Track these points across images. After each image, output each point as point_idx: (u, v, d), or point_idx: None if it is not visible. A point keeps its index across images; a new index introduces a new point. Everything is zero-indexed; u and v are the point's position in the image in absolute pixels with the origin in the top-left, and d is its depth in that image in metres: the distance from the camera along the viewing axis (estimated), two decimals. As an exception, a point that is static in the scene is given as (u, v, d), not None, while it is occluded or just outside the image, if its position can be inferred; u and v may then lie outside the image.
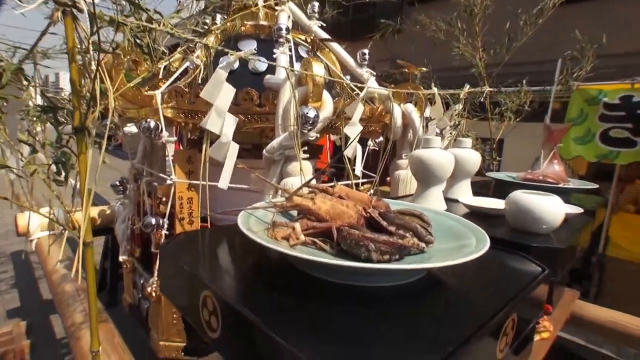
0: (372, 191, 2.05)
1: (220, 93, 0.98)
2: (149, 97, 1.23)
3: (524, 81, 2.54)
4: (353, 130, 1.32)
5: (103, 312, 1.21)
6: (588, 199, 1.78)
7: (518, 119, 2.63)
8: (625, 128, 3.02)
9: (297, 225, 0.66)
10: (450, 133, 1.94)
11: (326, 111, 1.22)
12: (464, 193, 1.35)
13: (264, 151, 1.23)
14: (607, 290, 3.83)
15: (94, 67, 0.66)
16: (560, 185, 1.59)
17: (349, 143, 1.32)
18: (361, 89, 1.45)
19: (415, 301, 0.56)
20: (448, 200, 1.30)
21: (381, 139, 2.08)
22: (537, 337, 1.33)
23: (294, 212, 0.75)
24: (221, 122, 1.01)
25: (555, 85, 3.16)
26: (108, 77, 0.83)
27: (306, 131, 1.17)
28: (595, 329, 1.78)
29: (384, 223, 0.66)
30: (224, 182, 1.01)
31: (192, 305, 0.57)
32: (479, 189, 1.84)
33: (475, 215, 1.18)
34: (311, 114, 1.16)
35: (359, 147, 1.39)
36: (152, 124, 1.22)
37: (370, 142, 2.25)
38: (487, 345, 0.48)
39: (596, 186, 1.65)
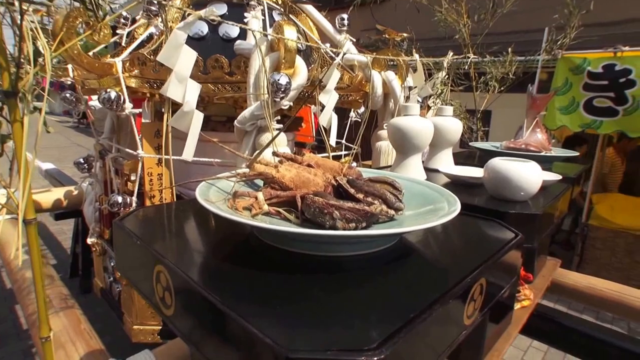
0: (354, 164, 2.03)
1: (180, 57, 0.93)
2: (108, 66, 1.17)
3: (510, 49, 2.50)
4: (328, 97, 1.27)
5: (70, 299, 1.18)
6: (570, 167, 1.79)
7: (503, 89, 2.61)
8: (607, 97, 3.04)
9: (260, 195, 0.63)
10: (433, 102, 1.91)
11: (299, 78, 1.17)
12: (445, 162, 1.33)
13: (235, 122, 1.18)
14: (590, 258, 3.94)
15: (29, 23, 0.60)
16: (542, 154, 1.59)
17: (323, 111, 1.28)
18: (338, 54, 1.40)
19: (383, 270, 0.54)
20: (428, 170, 1.29)
21: (363, 109, 2.04)
22: (517, 306, 1.34)
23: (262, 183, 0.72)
24: (182, 88, 0.95)
25: (541, 54, 3.14)
26: (57, 41, 0.77)
27: (278, 99, 1.13)
28: (575, 296, 1.81)
29: (352, 190, 0.63)
30: (188, 153, 0.96)
31: (146, 282, 0.54)
32: (463, 159, 1.83)
33: (456, 184, 1.17)
34: (283, 80, 1.11)
35: (335, 116, 1.36)
36: (113, 94, 1.16)
37: (352, 113, 2.21)
38: (453, 310, 0.47)
39: (576, 154, 1.65)
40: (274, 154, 0.79)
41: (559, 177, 1.20)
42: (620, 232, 3.72)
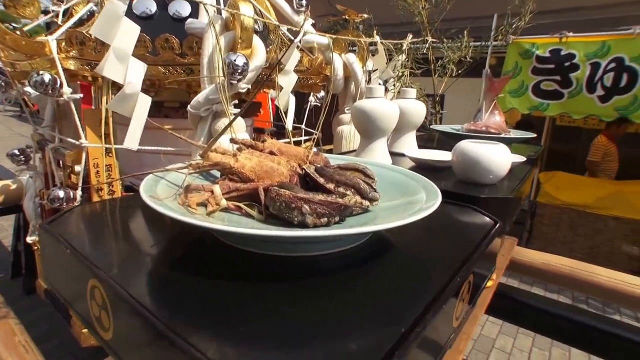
0: (315, 149, 1.95)
1: (119, 31, 0.80)
2: (40, 45, 1.01)
3: (466, 32, 2.49)
4: (287, 80, 1.18)
5: (4, 307, 1.03)
6: (528, 148, 1.80)
7: (460, 72, 2.62)
8: (554, 81, 3.15)
9: (217, 188, 0.54)
10: (394, 85, 1.85)
11: (258, 59, 1.07)
12: (410, 146, 1.29)
13: (188, 107, 1.06)
14: (538, 234, 4.13)
15: None
16: (502, 136, 1.58)
17: (281, 93, 1.19)
18: (297, 35, 1.31)
19: (362, 271, 0.47)
20: (393, 154, 1.23)
21: (323, 93, 1.96)
22: (481, 287, 1.34)
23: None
24: (124, 68, 0.83)
25: (491, 40, 3.17)
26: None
27: (235, 82, 1.02)
28: (532, 273, 1.86)
29: (322, 180, 0.56)
30: (131, 141, 0.85)
31: (79, 299, 0.44)
32: (424, 142, 1.80)
33: (422, 168, 1.12)
34: (240, 61, 1.00)
35: (293, 99, 1.27)
36: (47, 77, 1.01)
37: (312, 98, 2.12)
38: (445, 316, 0.40)
39: (534, 135, 1.66)
40: (232, 141, 0.70)
41: (524, 158, 1.18)
42: (564, 209, 3.91)
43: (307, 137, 1.90)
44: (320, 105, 2.10)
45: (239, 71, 1.00)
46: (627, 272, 3.86)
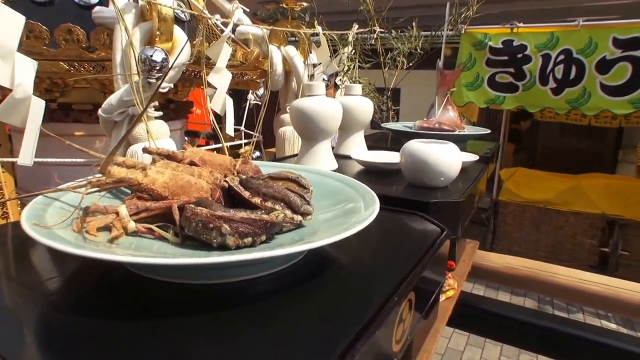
0: (257, 153, 1.93)
1: (-1, 23, 0.74)
2: None
3: (414, 22, 2.58)
4: (219, 78, 1.16)
5: None
6: (483, 145, 1.89)
7: (411, 64, 2.70)
8: (508, 72, 3.34)
9: (123, 209, 0.51)
10: (340, 80, 1.88)
11: (179, 54, 1.04)
12: (357, 148, 1.30)
13: (99, 111, 1.01)
14: (502, 234, 4.35)
15: None
16: (455, 132, 1.64)
17: (214, 95, 1.16)
18: (227, 25, 1.29)
19: (290, 297, 0.46)
20: (339, 157, 1.24)
21: (262, 90, 1.95)
22: (442, 297, 1.38)
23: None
24: (8, 67, 0.77)
25: (445, 30, 3.31)
26: None
27: (154, 80, 0.98)
28: (494, 277, 1.95)
29: (246, 194, 0.54)
30: (26, 155, 0.79)
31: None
32: (375, 142, 1.83)
33: (371, 172, 1.14)
34: (157, 57, 0.97)
35: (230, 100, 1.25)
36: None
37: (250, 96, 2.10)
38: (380, 341, 0.41)
39: (488, 131, 1.75)
40: (145, 150, 0.67)
41: (476, 157, 1.23)
42: (526, 206, 4.15)
43: (246, 140, 1.87)
44: (260, 103, 2.08)
45: (157, 68, 0.97)
46: (587, 267, 4.15)
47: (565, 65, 3.11)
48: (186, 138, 2.28)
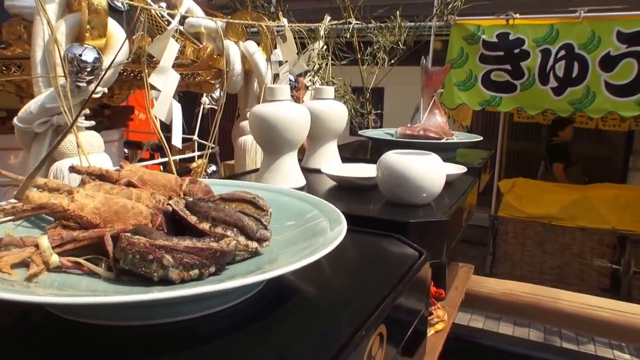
0: (212, 168, 1.93)
1: None
2: None
3: (397, 12, 2.65)
4: (164, 79, 1.17)
5: None
6: (475, 154, 1.94)
7: (394, 61, 2.76)
8: (504, 70, 3.45)
9: (44, 240, 0.51)
10: (311, 81, 1.91)
11: (114, 52, 1.04)
12: (329, 160, 1.33)
13: (14, 120, 1.00)
14: (503, 255, 4.44)
15: None
16: (443, 140, 1.69)
17: (158, 99, 1.17)
18: (175, 17, 1.30)
19: (247, 336, 0.47)
20: (307, 171, 1.26)
21: (218, 93, 1.96)
22: (430, 331, 1.40)
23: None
24: None
25: (434, 21, 3.40)
26: None
27: (84, 84, 0.98)
28: (491, 306, 1.99)
29: (193, 218, 0.56)
30: None
31: None
32: (352, 153, 1.86)
33: (344, 189, 1.16)
34: (88, 56, 0.97)
35: (177, 106, 1.25)
36: None
37: (204, 99, 2.11)
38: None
39: (480, 137, 1.80)
40: (73, 169, 0.67)
41: (464, 168, 1.27)
42: (528, 222, 4.26)
43: (200, 152, 1.88)
44: (216, 107, 2.10)
45: (88, 69, 0.97)
46: (598, 289, 4.23)
47: (566, 61, 3.24)
48: (126, 151, 2.26)
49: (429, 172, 0.96)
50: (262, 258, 0.58)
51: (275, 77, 1.70)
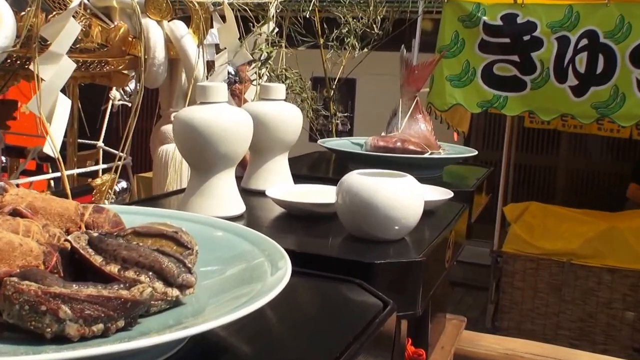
0: (123, 185, 1.95)
1: None
2: None
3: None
4: (53, 68, 1.20)
5: None
6: (469, 172, 2.02)
7: (367, 49, 2.82)
8: (511, 62, 3.54)
9: None
10: (257, 74, 1.96)
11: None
12: (276, 180, 1.37)
13: None
14: (508, 304, 4.51)
15: None
16: (426, 155, 1.76)
17: (38, 91, 1.20)
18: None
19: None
20: (248, 194, 1.31)
21: (133, 87, 1.99)
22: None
23: None
24: None
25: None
26: None
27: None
28: (489, 371, 2.06)
29: (98, 259, 0.60)
30: None
31: None
32: (308, 170, 1.91)
33: (296, 218, 1.20)
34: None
35: (66, 102, 1.27)
36: None
37: (115, 94, 2.13)
38: None
39: (473, 152, 1.88)
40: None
41: (450, 193, 1.33)
42: (542, 260, 4.36)
43: (105, 165, 1.90)
44: (129, 105, 2.12)
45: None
46: (632, 350, 4.34)
47: (589, 53, 3.36)
48: (4, 159, 2.25)
49: (402, 198, 1.01)
50: (184, 309, 0.62)
51: (210, 68, 1.74)
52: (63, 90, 1.37)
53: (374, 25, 2.66)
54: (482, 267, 4.65)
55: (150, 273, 0.60)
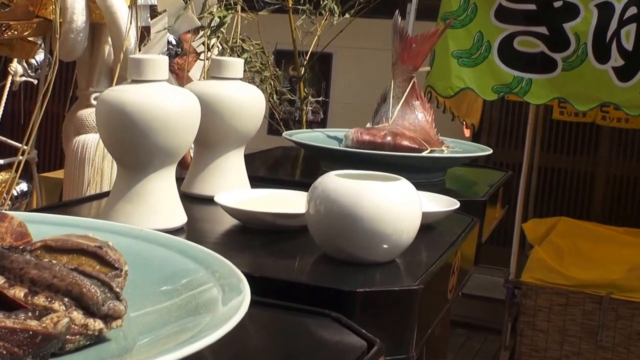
0: (23, 186, 1.95)
1: None
2: None
3: None
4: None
5: None
6: (481, 175, 2.04)
7: (350, 15, 2.83)
8: (537, 35, 3.54)
9: None
10: (205, 44, 1.97)
11: None
12: (229, 182, 1.37)
13: None
14: (527, 350, 4.51)
15: None
16: (425, 154, 1.77)
17: None
18: None
19: None
20: (192, 200, 1.31)
21: (42, 58, 1.99)
22: None
23: None
24: None
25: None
26: None
27: None
28: None
29: (0, 280, 0.61)
30: None
31: None
32: (269, 170, 1.92)
33: (255, 232, 1.20)
34: None
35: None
36: None
37: (16, 68, 2.12)
38: None
39: (488, 151, 1.90)
40: None
41: (456, 203, 1.34)
42: (573, 294, 4.36)
43: (4, 160, 1.89)
44: (36, 82, 2.11)
45: None
46: None
47: (638, 26, 3.37)
48: None
49: (393, 208, 1.02)
50: (109, 347, 0.62)
51: (143, 37, 1.74)
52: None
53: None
54: (494, 301, 4.65)
55: (67, 299, 0.61)
